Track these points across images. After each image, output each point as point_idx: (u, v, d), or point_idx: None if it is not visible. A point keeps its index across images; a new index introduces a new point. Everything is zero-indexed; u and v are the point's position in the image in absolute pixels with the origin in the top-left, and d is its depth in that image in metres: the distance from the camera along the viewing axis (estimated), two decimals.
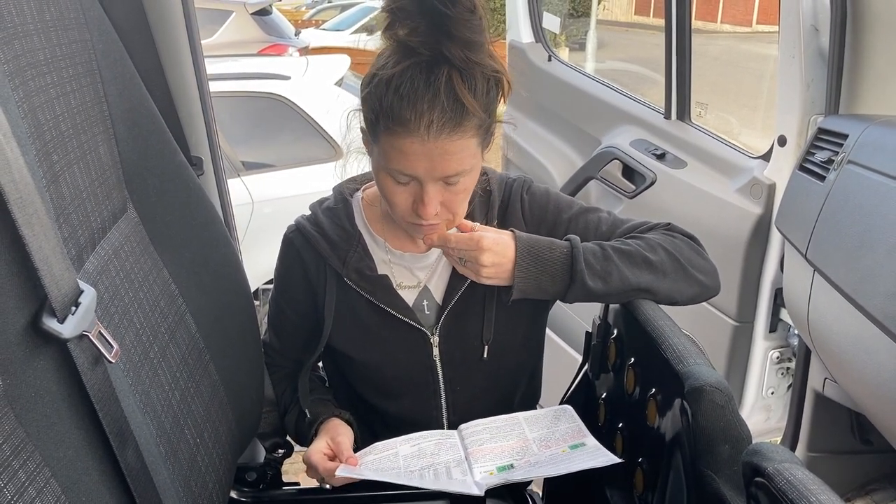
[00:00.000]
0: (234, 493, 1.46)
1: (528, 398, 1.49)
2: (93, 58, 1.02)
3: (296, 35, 10.10)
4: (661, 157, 2.41)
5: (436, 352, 1.34)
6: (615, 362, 1.31)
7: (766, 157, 2.07)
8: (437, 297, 1.34)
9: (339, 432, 1.28)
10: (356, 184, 1.41)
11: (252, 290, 1.43)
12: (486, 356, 1.34)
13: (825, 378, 1.91)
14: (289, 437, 1.48)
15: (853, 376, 1.66)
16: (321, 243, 1.33)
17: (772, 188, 2.02)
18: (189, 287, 1.18)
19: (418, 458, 1.20)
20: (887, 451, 1.74)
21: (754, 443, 0.86)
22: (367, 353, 1.35)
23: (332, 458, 1.24)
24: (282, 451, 1.49)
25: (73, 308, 0.74)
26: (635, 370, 1.21)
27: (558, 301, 1.29)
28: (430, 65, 1.08)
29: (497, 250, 1.20)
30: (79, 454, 0.74)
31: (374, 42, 1.23)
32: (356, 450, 1.26)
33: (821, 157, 1.76)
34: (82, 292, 0.76)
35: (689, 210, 2.23)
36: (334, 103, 4.19)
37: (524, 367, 1.43)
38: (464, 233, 1.23)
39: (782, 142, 1.99)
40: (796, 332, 2.03)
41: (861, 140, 1.64)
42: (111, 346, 0.78)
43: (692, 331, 1.19)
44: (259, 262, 2.61)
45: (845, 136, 1.70)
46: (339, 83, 4.60)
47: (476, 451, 1.20)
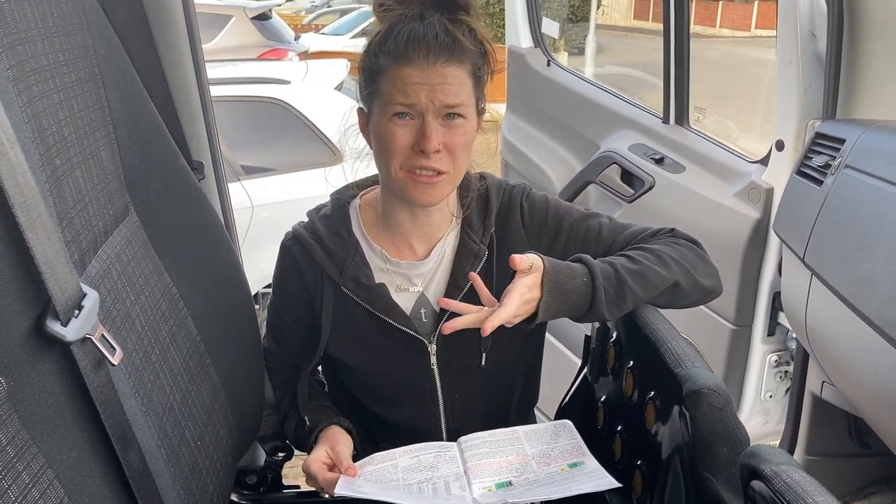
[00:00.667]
0: (234, 496, 1.46)
1: (525, 402, 1.49)
2: (95, 63, 1.02)
3: (295, 40, 10.12)
4: (659, 161, 2.41)
5: (433, 360, 1.34)
6: (614, 366, 1.31)
7: (764, 161, 2.08)
8: (435, 304, 1.34)
9: (338, 441, 1.28)
10: (353, 190, 1.41)
11: (251, 293, 1.44)
12: (483, 364, 1.35)
13: (823, 381, 1.92)
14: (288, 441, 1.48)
15: (851, 380, 1.66)
16: (318, 252, 1.33)
17: (770, 192, 2.03)
18: (190, 290, 1.19)
19: (417, 471, 1.20)
20: (885, 455, 1.74)
21: (752, 445, 0.87)
22: (365, 361, 1.35)
23: (332, 467, 1.24)
24: (282, 455, 1.49)
25: (77, 311, 0.75)
26: (634, 373, 1.21)
27: None
28: (421, 13, 1.21)
29: (530, 297, 1.16)
30: (81, 456, 0.75)
31: None
32: (356, 458, 1.26)
33: (818, 161, 1.76)
34: (85, 296, 0.77)
35: (688, 214, 2.24)
36: (334, 108, 4.19)
37: (522, 373, 1.43)
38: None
39: (780, 146, 2.00)
40: (794, 335, 2.03)
41: (858, 145, 1.64)
42: (114, 348, 0.79)
43: (690, 334, 1.19)
44: (258, 266, 2.61)
45: (842, 141, 1.70)
46: (339, 87, 4.61)
47: (475, 465, 1.19)
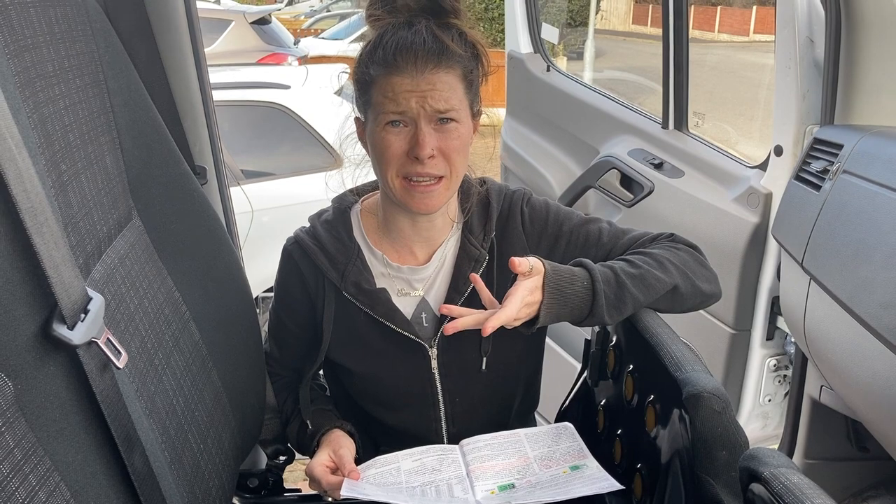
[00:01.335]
0: (236, 499, 1.47)
1: (526, 406, 1.49)
2: (99, 69, 1.03)
3: (295, 44, 10.12)
4: (658, 166, 2.42)
5: (434, 364, 1.34)
6: (614, 369, 1.32)
7: (763, 166, 2.09)
8: (436, 308, 1.35)
9: (340, 444, 1.29)
10: (354, 196, 1.42)
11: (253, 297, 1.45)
12: (484, 368, 1.35)
13: (822, 385, 1.92)
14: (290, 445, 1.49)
15: (849, 384, 1.67)
16: (319, 257, 1.34)
17: (768, 197, 2.03)
18: (193, 294, 1.20)
19: (420, 474, 1.21)
20: (883, 459, 1.74)
21: (751, 448, 0.87)
22: (366, 365, 1.35)
23: (335, 470, 1.25)
24: (283, 458, 1.49)
25: (83, 315, 0.75)
26: (634, 377, 1.22)
27: None
28: (409, 21, 1.22)
29: (531, 300, 1.16)
30: (87, 459, 0.75)
31: None
32: (358, 461, 1.26)
33: (816, 166, 1.77)
34: (91, 300, 0.78)
35: (687, 219, 2.24)
36: (334, 112, 4.20)
37: (522, 377, 1.43)
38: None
39: (779, 151, 2.01)
40: (793, 339, 2.04)
41: (856, 150, 1.65)
42: (119, 352, 0.80)
43: (690, 339, 1.20)
44: (258, 270, 2.62)
45: (840, 146, 1.71)
46: (339, 92, 4.62)
47: (477, 467, 1.20)
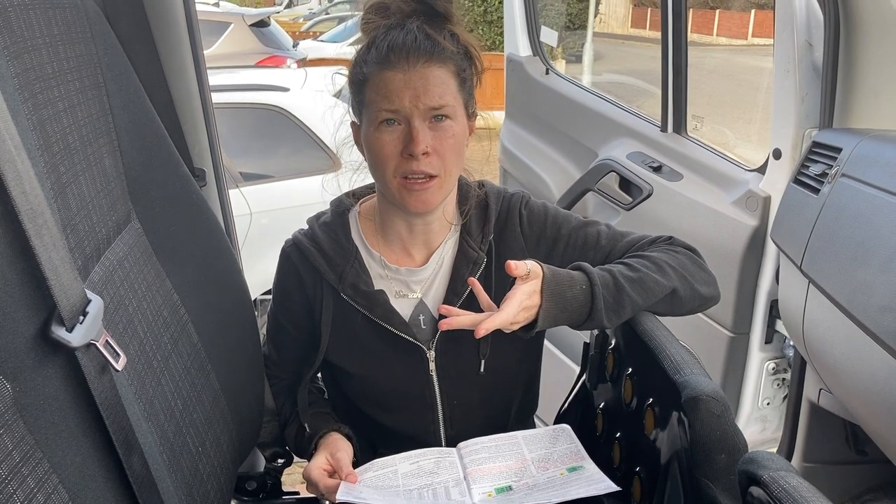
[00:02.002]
0: (234, 502, 1.47)
1: (524, 409, 1.49)
2: (99, 71, 1.03)
3: (294, 47, 10.13)
4: (657, 169, 2.42)
5: (432, 366, 1.34)
6: (613, 373, 1.32)
7: (762, 169, 2.09)
8: (434, 310, 1.35)
9: (338, 447, 1.29)
10: (353, 198, 1.42)
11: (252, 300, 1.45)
12: (482, 370, 1.35)
13: (820, 389, 1.92)
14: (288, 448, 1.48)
15: (848, 387, 1.67)
16: (317, 258, 1.34)
17: (767, 201, 2.04)
18: (191, 297, 1.20)
19: (417, 477, 1.20)
20: (882, 462, 1.74)
21: (750, 451, 0.88)
22: (364, 367, 1.35)
23: (332, 473, 1.25)
24: (281, 461, 1.49)
25: (81, 317, 0.75)
26: (633, 380, 1.22)
27: None
28: (402, 22, 1.24)
29: (529, 304, 1.16)
30: (86, 461, 0.75)
31: None
32: (355, 464, 1.26)
33: (815, 170, 1.77)
34: (90, 302, 0.77)
35: (686, 222, 2.25)
36: (333, 115, 4.20)
37: (521, 379, 1.43)
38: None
39: (777, 155, 2.01)
40: (792, 343, 2.04)
41: (855, 154, 1.65)
42: (118, 354, 0.79)
43: (688, 342, 1.20)
44: (256, 273, 2.61)
45: (839, 150, 1.71)
46: (338, 95, 4.63)
47: (475, 470, 1.20)
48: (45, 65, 0.88)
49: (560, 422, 1.51)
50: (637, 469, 1.17)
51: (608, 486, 1.10)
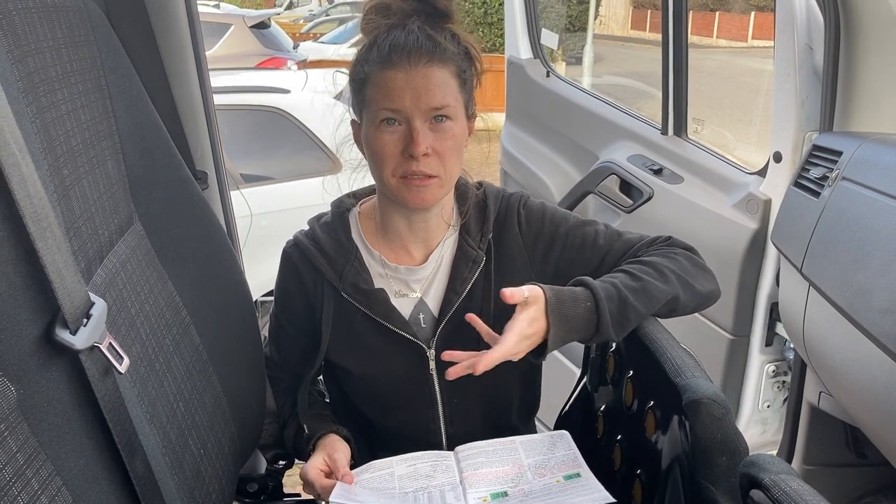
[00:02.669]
0: None
1: (525, 409, 1.49)
2: (101, 74, 1.04)
3: (294, 48, 10.13)
4: (658, 172, 2.43)
5: (432, 365, 1.34)
6: (614, 375, 1.32)
7: (762, 172, 2.09)
8: (434, 309, 1.35)
9: (335, 448, 1.29)
10: (353, 198, 1.43)
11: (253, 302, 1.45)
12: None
13: (820, 391, 1.92)
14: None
15: (848, 390, 1.67)
16: (318, 258, 1.34)
17: (767, 204, 2.04)
18: (193, 299, 1.20)
19: (413, 480, 1.21)
20: (882, 465, 1.74)
21: (751, 454, 0.88)
22: (365, 366, 1.36)
23: (329, 474, 1.25)
24: (283, 463, 1.49)
25: (85, 320, 0.75)
26: (634, 383, 1.22)
27: None
28: (403, 22, 1.23)
29: (531, 331, 1.16)
30: (89, 463, 0.75)
31: None
32: (353, 466, 1.26)
33: (815, 173, 1.78)
34: (93, 304, 0.78)
35: (686, 225, 2.25)
36: (333, 116, 4.20)
37: (521, 379, 1.43)
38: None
39: (778, 158, 2.01)
40: (792, 345, 2.04)
41: (855, 157, 1.66)
42: (121, 357, 0.80)
43: (688, 344, 1.20)
44: (258, 275, 2.62)
45: (839, 153, 1.72)
46: (339, 96, 4.63)
47: (471, 475, 1.20)
48: (49, 68, 0.88)
49: (561, 424, 1.51)
50: (638, 472, 1.17)
51: (604, 496, 1.10)
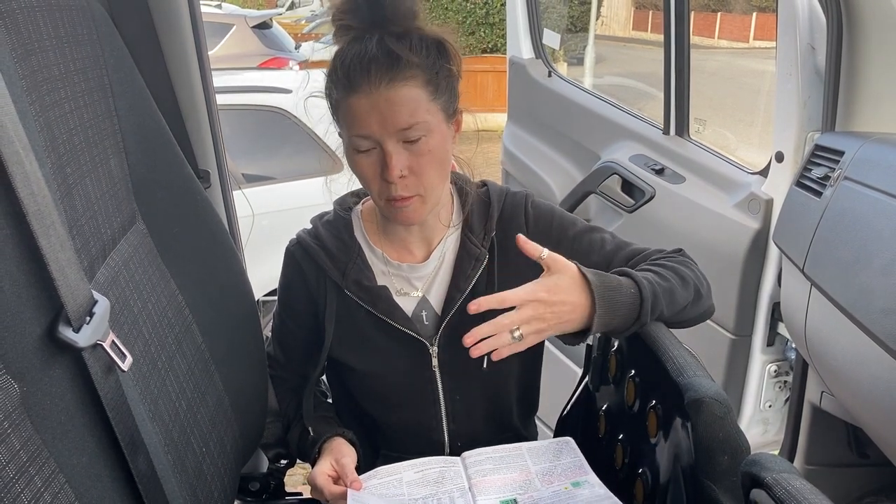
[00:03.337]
0: (237, 503, 1.47)
1: (525, 409, 1.50)
2: (104, 73, 1.04)
3: (296, 48, 10.13)
4: (659, 172, 2.43)
5: (435, 362, 1.35)
6: (615, 374, 1.32)
7: (764, 172, 2.09)
8: (437, 307, 1.36)
9: (342, 453, 1.29)
10: (356, 197, 1.43)
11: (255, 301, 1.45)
12: (485, 366, 1.35)
13: (822, 391, 1.92)
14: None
15: (850, 390, 1.67)
16: (321, 256, 1.35)
17: (769, 203, 2.04)
18: (195, 298, 1.20)
19: (422, 486, 1.20)
20: (884, 465, 1.74)
21: (753, 453, 0.88)
22: (368, 363, 1.36)
23: (336, 479, 1.25)
24: (284, 462, 1.49)
25: (88, 318, 0.76)
26: (635, 382, 1.22)
27: None
28: (362, 34, 1.18)
29: (553, 299, 1.13)
30: (92, 461, 0.75)
31: None
32: (359, 469, 1.26)
33: (817, 173, 1.78)
34: (96, 302, 0.78)
35: (688, 225, 2.25)
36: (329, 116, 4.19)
37: (523, 378, 1.44)
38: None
39: (779, 158, 2.01)
40: (794, 345, 2.04)
41: (857, 157, 1.66)
42: (124, 355, 0.80)
43: (690, 344, 1.20)
44: (259, 274, 2.62)
45: (841, 153, 1.72)
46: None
47: (479, 481, 1.20)
48: (52, 66, 0.88)
49: (562, 424, 1.51)
50: (640, 471, 1.17)
51: (614, 503, 1.11)
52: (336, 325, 1.36)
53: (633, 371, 1.23)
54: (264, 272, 2.81)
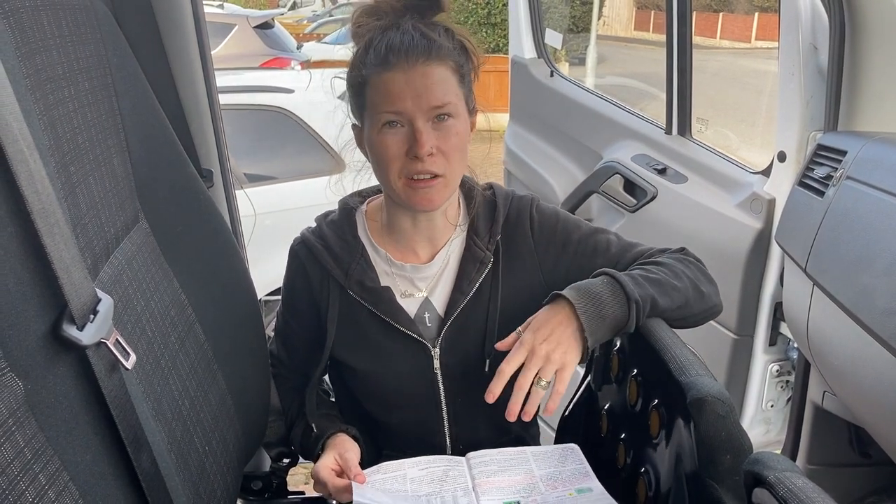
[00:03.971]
0: (240, 501, 1.47)
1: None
2: (108, 72, 1.04)
3: (297, 48, 10.14)
4: (662, 171, 2.43)
5: (437, 364, 1.34)
6: (617, 374, 1.32)
7: (766, 172, 2.09)
8: (440, 309, 1.36)
9: (346, 448, 1.29)
10: (360, 197, 1.43)
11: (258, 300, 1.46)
12: (487, 369, 1.35)
13: (824, 391, 1.92)
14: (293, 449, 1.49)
15: (852, 389, 1.67)
16: (324, 255, 1.35)
17: (772, 203, 2.04)
18: (198, 297, 1.20)
19: (426, 484, 1.21)
20: (886, 465, 1.74)
21: (756, 452, 0.88)
22: (370, 363, 1.36)
23: (340, 473, 1.25)
24: (287, 461, 1.50)
25: (92, 316, 0.76)
26: (638, 381, 1.22)
27: None
28: (396, 22, 1.22)
29: (547, 328, 1.19)
30: (96, 459, 0.76)
31: None
32: (362, 467, 1.26)
33: (820, 172, 1.78)
34: (100, 301, 0.78)
35: (690, 224, 2.25)
36: (337, 117, 4.20)
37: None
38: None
39: (782, 157, 2.01)
40: (796, 345, 2.04)
41: (860, 156, 1.66)
42: (127, 353, 0.80)
43: (692, 343, 1.20)
44: (261, 274, 2.62)
45: (844, 153, 1.71)
46: (343, 97, 4.63)
47: (483, 482, 1.20)
48: (56, 65, 0.88)
49: (564, 423, 1.51)
50: (642, 470, 1.17)
51: None
52: (338, 325, 1.36)
53: (636, 370, 1.23)
54: (266, 272, 2.81)
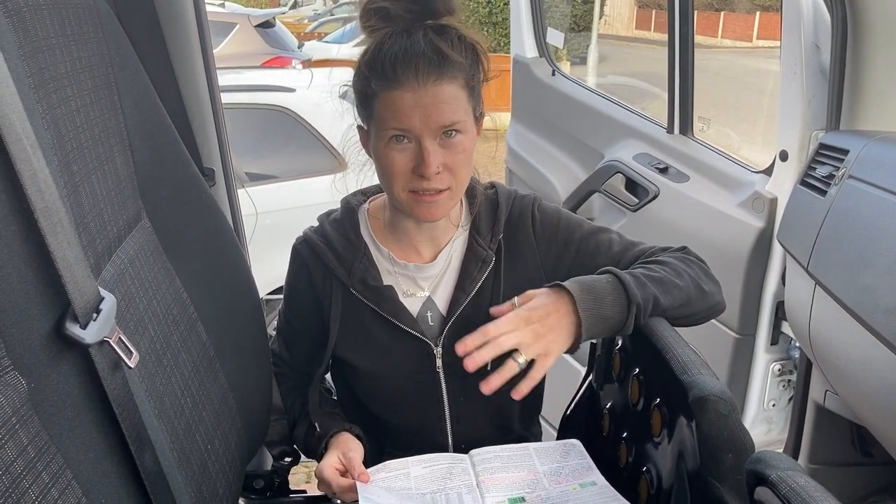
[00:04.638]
0: (242, 500, 1.47)
1: (529, 409, 1.50)
2: (110, 70, 1.04)
3: (299, 47, 10.14)
4: (663, 170, 2.42)
5: (439, 363, 1.35)
6: (619, 373, 1.32)
7: (768, 171, 2.09)
8: (442, 308, 1.36)
9: (350, 447, 1.29)
10: (363, 196, 1.43)
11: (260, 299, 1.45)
12: (489, 368, 1.35)
13: (826, 390, 1.92)
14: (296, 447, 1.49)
15: (854, 388, 1.67)
16: (327, 254, 1.35)
17: (773, 202, 2.04)
18: (200, 295, 1.20)
19: (430, 481, 1.21)
20: (888, 464, 1.74)
21: (758, 451, 0.88)
22: (372, 363, 1.36)
23: (344, 472, 1.25)
24: (289, 460, 1.50)
25: (95, 315, 0.76)
26: (640, 380, 1.22)
27: None
28: (407, 28, 1.18)
29: (544, 310, 1.18)
30: (99, 457, 0.76)
31: None
32: (366, 465, 1.26)
33: (822, 172, 1.78)
34: (103, 299, 0.78)
35: (692, 224, 2.25)
36: (338, 116, 4.20)
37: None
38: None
39: (784, 157, 2.01)
40: (797, 344, 2.04)
41: (862, 155, 1.65)
42: (130, 352, 0.80)
43: (694, 343, 1.20)
44: (263, 273, 2.62)
45: (846, 152, 1.71)
46: (344, 96, 4.63)
47: (487, 479, 1.20)
48: (59, 64, 0.88)
49: (566, 423, 1.51)
50: (644, 469, 1.17)
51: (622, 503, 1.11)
52: (341, 323, 1.36)
53: (638, 369, 1.23)
54: (268, 271, 2.80)
